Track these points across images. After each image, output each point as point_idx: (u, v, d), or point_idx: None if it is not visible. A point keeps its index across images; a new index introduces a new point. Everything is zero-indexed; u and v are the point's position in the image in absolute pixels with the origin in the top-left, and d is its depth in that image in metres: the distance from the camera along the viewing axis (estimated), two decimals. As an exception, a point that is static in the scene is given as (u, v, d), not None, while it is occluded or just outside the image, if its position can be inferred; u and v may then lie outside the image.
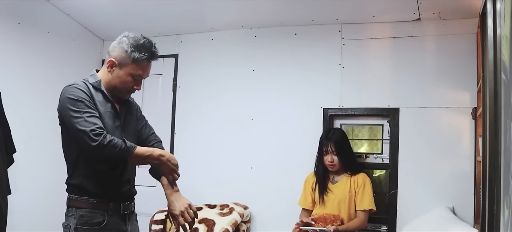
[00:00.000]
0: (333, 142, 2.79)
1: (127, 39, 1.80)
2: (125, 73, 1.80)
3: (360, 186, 2.79)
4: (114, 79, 1.81)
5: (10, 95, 2.44)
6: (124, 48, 1.78)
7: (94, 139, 1.61)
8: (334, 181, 2.87)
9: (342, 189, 2.81)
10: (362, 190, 2.78)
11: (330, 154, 2.80)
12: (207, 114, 3.43)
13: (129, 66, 1.79)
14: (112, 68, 1.80)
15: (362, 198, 2.77)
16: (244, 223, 3.14)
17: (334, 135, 2.83)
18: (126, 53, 1.78)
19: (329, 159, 2.80)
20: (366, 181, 2.81)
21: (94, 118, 1.67)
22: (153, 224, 3.09)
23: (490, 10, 1.85)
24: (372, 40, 3.08)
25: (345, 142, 2.87)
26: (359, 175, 2.83)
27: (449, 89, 2.88)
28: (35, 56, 3.08)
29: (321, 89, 3.15)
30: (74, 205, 1.75)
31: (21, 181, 2.75)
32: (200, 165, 3.40)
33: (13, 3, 2.89)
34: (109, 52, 1.82)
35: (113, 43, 1.83)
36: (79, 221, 1.72)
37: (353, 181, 2.82)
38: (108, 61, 1.81)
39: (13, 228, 2.42)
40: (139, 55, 1.77)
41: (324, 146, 2.82)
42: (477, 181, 2.67)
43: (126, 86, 1.83)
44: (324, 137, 2.86)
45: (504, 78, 1.61)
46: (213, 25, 3.41)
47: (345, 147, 2.85)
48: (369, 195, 2.78)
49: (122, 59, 1.79)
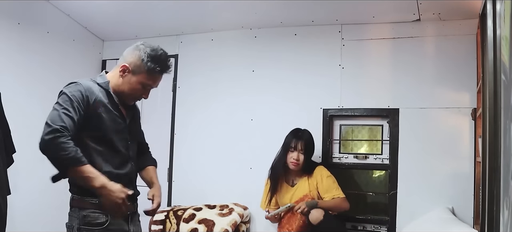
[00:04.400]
0: (304, 141, 2.80)
1: (144, 48, 1.79)
2: (136, 81, 1.80)
3: (319, 180, 2.80)
4: (124, 84, 1.81)
5: (10, 95, 2.43)
6: (141, 56, 1.78)
7: (49, 132, 1.60)
8: (293, 183, 2.89)
9: (301, 190, 2.82)
10: (321, 184, 2.79)
11: (297, 152, 2.80)
12: (207, 115, 3.43)
13: (142, 75, 1.79)
14: (124, 73, 1.80)
15: (325, 191, 2.78)
16: (243, 224, 3.14)
17: (305, 135, 2.84)
18: (142, 62, 1.78)
19: (295, 157, 2.79)
20: (323, 173, 2.82)
21: (67, 118, 1.64)
22: (152, 225, 3.09)
23: (490, 11, 1.85)
24: (372, 41, 3.08)
25: (313, 144, 2.88)
26: (315, 170, 2.84)
27: (449, 90, 2.88)
28: (35, 56, 3.08)
29: (321, 89, 3.15)
30: (77, 205, 1.76)
31: (20, 181, 2.74)
32: (200, 166, 3.40)
33: (13, 3, 2.88)
34: (124, 56, 1.82)
35: (129, 48, 1.83)
36: (82, 221, 1.73)
37: (311, 179, 2.82)
38: (121, 66, 1.80)
39: (13, 229, 2.42)
40: (154, 66, 1.78)
41: (293, 143, 2.81)
42: (476, 182, 2.67)
43: (135, 94, 1.84)
44: (293, 135, 2.85)
45: (504, 79, 1.61)
46: (213, 25, 3.41)
47: (311, 149, 2.86)
48: (329, 186, 2.78)
49: (137, 66, 1.79)
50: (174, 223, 3.09)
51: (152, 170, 2.06)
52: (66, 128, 1.62)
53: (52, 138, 1.59)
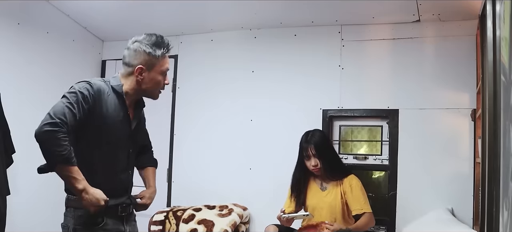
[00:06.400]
0: (313, 145, 2.62)
1: (141, 43, 1.80)
2: (156, 73, 1.82)
3: (348, 190, 2.63)
4: (146, 83, 1.82)
5: (9, 95, 2.43)
6: (146, 51, 1.78)
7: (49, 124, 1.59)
8: (323, 186, 2.73)
9: (332, 196, 2.65)
10: (350, 194, 2.62)
11: (313, 158, 2.63)
12: (207, 115, 3.43)
13: (158, 65, 1.81)
14: (141, 74, 1.80)
15: (352, 203, 2.61)
16: (243, 224, 3.14)
17: (314, 137, 2.65)
18: (150, 55, 1.79)
19: (313, 163, 2.63)
20: (352, 183, 2.65)
21: (70, 114, 1.63)
22: (152, 225, 3.09)
23: (490, 12, 1.85)
24: (371, 42, 3.09)
25: (326, 143, 2.71)
26: (346, 178, 2.67)
27: (448, 91, 2.88)
28: (35, 56, 3.08)
29: (320, 90, 3.15)
30: (72, 205, 1.75)
31: (20, 181, 2.74)
32: (200, 166, 3.40)
33: (13, 3, 2.88)
34: (130, 62, 1.81)
35: (127, 52, 1.82)
36: (77, 221, 1.72)
37: (341, 186, 2.66)
38: (136, 69, 1.79)
39: (12, 229, 2.42)
40: (162, 49, 1.81)
41: (305, 151, 2.65)
42: (476, 182, 2.67)
43: (159, 85, 1.86)
44: (303, 141, 2.68)
45: (504, 79, 1.61)
46: (213, 26, 3.41)
47: (327, 149, 2.69)
48: (358, 198, 2.61)
49: (149, 61, 1.79)
50: (173, 224, 3.09)
51: (151, 171, 2.06)
52: (66, 123, 1.61)
53: (50, 131, 1.58)
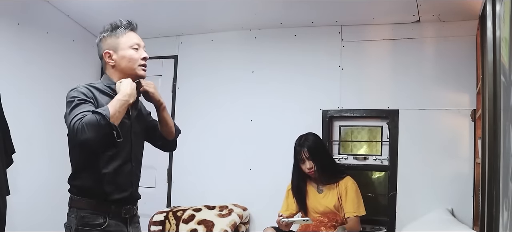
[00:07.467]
0: (306, 148, 2.68)
1: (100, 34, 1.86)
2: (123, 50, 1.82)
3: (343, 193, 2.70)
4: (121, 63, 1.83)
5: (9, 95, 2.44)
6: (105, 36, 1.84)
7: (80, 129, 1.56)
8: (319, 189, 2.78)
9: (329, 200, 2.72)
10: (345, 197, 2.69)
11: (307, 161, 2.69)
12: (207, 115, 3.43)
13: (121, 42, 1.83)
14: (111, 57, 1.83)
15: (345, 205, 2.68)
16: (243, 225, 3.14)
17: (307, 141, 2.72)
18: (111, 37, 1.83)
19: (308, 166, 2.69)
20: (348, 185, 2.71)
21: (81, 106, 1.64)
22: (152, 225, 3.09)
23: (490, 12, 1.85)
24: (371, 42, 3.09)
25: (319, 146, 2.76)
26: (342, 181, 2.73)
27: (448, 91, 2.88)
28: (35, 57, 3.08)
29: (320, 90, 3.15)
30: (75, 205, 1.75)
31: (20, 182, 2.74)
32: (200, 166, 3.40)
33: (13, 3, 2.88)
34: (99, 51, 1.87)
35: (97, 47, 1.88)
36: (80, 222, 1.72)
37: (337, 188, 2.73)
38: (104, 54, 1.83)
39: (12, 229, 2.42)
40: (119, 29, 1.83)
41: (299, 154, 2.71)
42: (476, 183, 2.67)
43: (133, 60, 1.84)
44: (297, 144, 2.75)
45: (504, 80, 1.61)
46: (213, 26, 3.41)
47: (320, 151, 2.74)
48: (352, 201, 2.67)
49: (111, 43, 1.83)
50: (173, 224, 3.09)
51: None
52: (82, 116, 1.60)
53: (85, 128, 1.56)
